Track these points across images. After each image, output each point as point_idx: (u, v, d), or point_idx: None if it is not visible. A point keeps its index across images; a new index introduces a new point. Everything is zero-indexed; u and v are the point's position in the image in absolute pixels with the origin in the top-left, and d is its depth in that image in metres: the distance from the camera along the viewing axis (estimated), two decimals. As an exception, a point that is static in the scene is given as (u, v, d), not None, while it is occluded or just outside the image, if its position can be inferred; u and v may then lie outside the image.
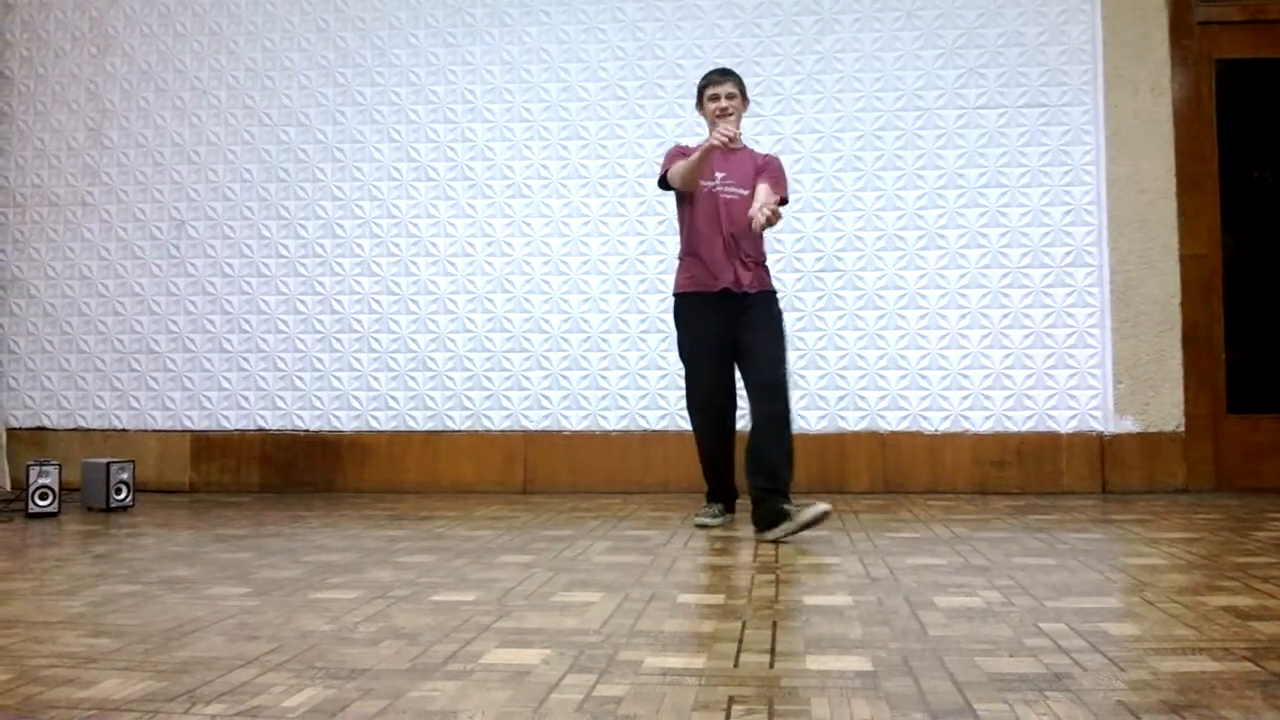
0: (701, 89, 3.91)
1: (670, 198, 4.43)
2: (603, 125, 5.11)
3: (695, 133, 4.87)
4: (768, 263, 3.90)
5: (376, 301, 5.20)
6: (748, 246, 3.77)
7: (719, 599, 2.55)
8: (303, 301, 5.25)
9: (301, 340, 5.23)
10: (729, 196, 3.78)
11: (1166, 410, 4.70)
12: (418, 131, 5.23)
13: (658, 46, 5.10)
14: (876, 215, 4.91)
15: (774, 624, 2.26)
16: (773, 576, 2.83)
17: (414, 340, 5.16)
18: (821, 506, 3.38)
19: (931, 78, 4.93)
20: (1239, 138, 4.87)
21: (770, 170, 3.83)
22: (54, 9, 5.53)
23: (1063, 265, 4.80)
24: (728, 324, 3.75)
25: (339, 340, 5.21)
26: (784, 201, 3.83)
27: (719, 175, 3.82)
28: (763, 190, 3.73)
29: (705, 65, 5.01)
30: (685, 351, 3.89)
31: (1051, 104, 4.85)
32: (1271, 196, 4.92)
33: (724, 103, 3.82)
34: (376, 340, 5.18)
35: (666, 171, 3.84)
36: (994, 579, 2.73)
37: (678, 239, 4.77)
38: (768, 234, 3.97)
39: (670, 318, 4.10)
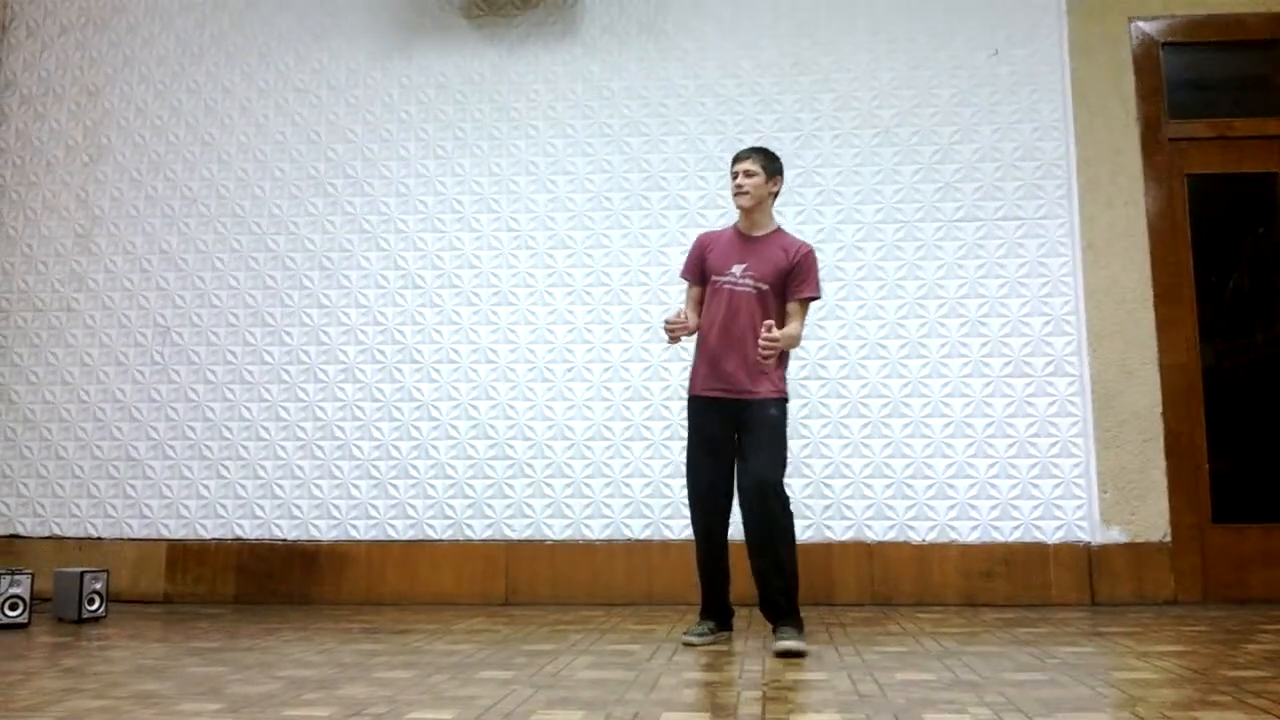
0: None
1: (683, 286, 4.23)
2: (589, 235, 5.18)
3: (679, 242, 4.95)
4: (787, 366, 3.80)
5: (359, 408, 5.17)
6: (758, 348, 3.59)
7: (704, 718, 2.49)
8: (285, 408, 5.22)
9: (282, 447, 5.19)
10: (746, 290, 3.69)
11: (1153, 520, 4.68)
12: (406, 240, 5.28)
13: (643, 160, 5.20)
14: (859, 324, 4.95)
15: (761, 744, 2.20)
16: (759, 694, 2.77)
17: (395, 447, 5.12)
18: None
19: (910, 191, 5.03)
20: (1212, 248, 4.97)
21: (798, 271, 3.72)
22: (49, 119, 5.62)
23: (1044, 375, 4.83)
24: (729, 424, 3.68)
25: (320, 447, 5.17)
26: (813, 299, 3.77)
27: (738, 268, 3.72)
28: (781, 328, 3.66)
29: (690, 178, 5.14)
30: (687, 448, 3.81)
31: (1028, 217, 4.95)
32: (1247, 305, 5.00)
33: (739, 180, 3.78)
34: (358, 448, 5.14)
35: (685, 273, 3.95)
36: (984, 695, 2.68)
37: (663, 346, 4.81)
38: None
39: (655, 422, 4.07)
